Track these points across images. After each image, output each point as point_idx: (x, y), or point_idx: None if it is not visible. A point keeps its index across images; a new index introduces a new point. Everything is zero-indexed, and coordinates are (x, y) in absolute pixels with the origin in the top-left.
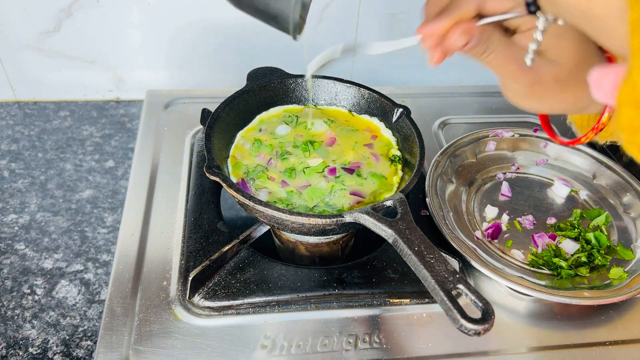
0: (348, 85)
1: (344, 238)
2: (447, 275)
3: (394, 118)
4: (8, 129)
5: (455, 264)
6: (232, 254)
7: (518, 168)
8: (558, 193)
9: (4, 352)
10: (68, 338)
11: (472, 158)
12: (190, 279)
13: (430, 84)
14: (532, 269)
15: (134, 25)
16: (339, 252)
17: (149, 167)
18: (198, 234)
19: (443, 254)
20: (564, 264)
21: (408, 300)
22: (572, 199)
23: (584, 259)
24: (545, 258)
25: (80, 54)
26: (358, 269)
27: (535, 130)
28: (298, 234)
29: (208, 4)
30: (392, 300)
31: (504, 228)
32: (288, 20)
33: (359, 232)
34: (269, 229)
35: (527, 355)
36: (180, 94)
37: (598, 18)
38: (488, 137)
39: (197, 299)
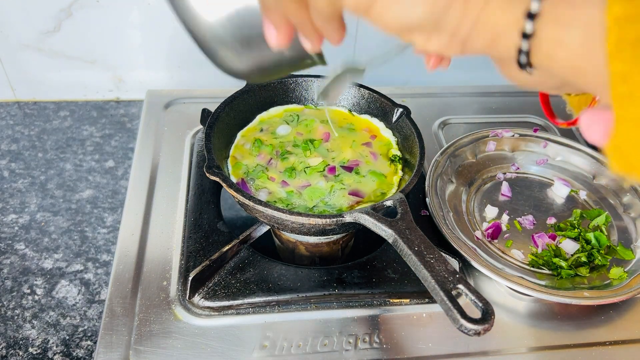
0: (348, 85)
1: (344, 238)
2: (447, 275)
3: (394, 118)
4: (8, 129)
5: (455, 264)
6: (232, 254)
7: (518, 168)
8: (558, 193)
9: (4, 352)
10: (68, 338)
11: (472, 158)
12: (190, 279)
13: (430, 84)
14: (532, 269)
15: (134, 25)
16: (339, 252)
17: (149, 167)
18: (198, 234)
19: (443, 254)
20: (564, 264)
21: (408, 300)
22: (572, 199)
23: (584, 259)
24: (545, 258)
25: (80, 54)
26: (358, 269)
27: (535, 130)
28: (298, 234)
29: None
30: (392, 300)
31: (504, 228)
32: (309, 56)
33: (359, 232)
34: (269, 229)
35: (527, 355)
36: (180, 94)
37: (586, 73)
38: (488, 137)
39: (197, 299)
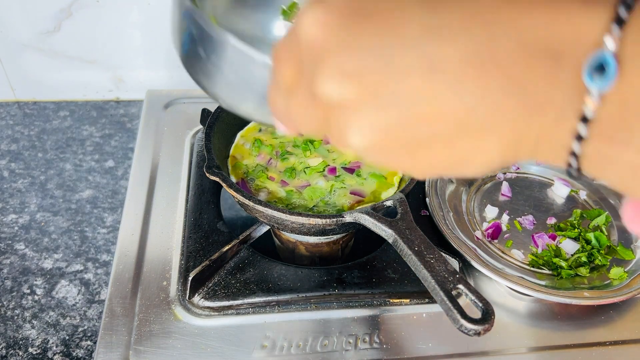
0: None
1: (344, 238)
2: (447, 275)
3: None
4: (8, 129)
5: (455, 264)
6: (232, 254)
7: (518, 168)
8: (558, 193)
9: (4, 352)
10: (68, 338)
11: None
12: (190, 279)
13: None
14: (532, 269)
15: (134, 25)
16: (339, 252)
17: (149, 167)
18: (198, 234)
19: (443, 254)
20: (564, 264)
21: (408, 300)
22: (572, 199)
23: (584, 259)
24: (546, 258)
25: (80, 54)
26: (358, 269)
27: None
28: (298, 234)
29: None
30: (392, 300)
31: (504, 228)
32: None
33: (359, 232)
34: (269, 229)
35: (527, 356)
36: (180, 94)
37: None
38: None
39: (197, 299)
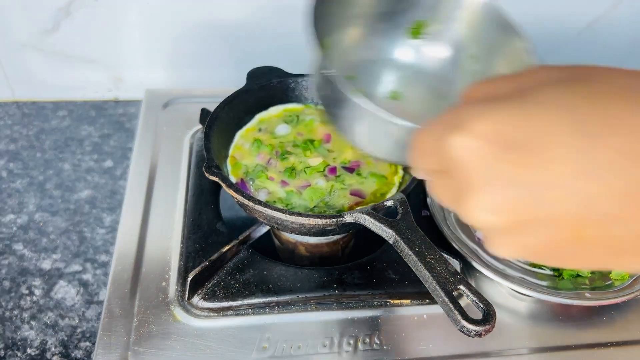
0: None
1: (344, 238)
2: (448, 276)
3: None
4: (6, 129)
5: (457, 265)
6: (231, 255)
7: None
8: None
9: (2, 353)
10: (66, 339)
11: None
12: (189, 280)
13: None
14: (533, 270)
15: (133, 25)
16: (339, 252)
17: (148, 167)
18: (197, 235)
19: (444, 255)
20: None
21: (409, 301)
22: None
23: None
24: None
25: (79, 54)
26: (358, 270)
27: None
28: (298, 235)
29: (208, 4)
30: (392, 301)
31: None
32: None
33: (359, 232)
34: (269, 229)
35: (528, 357)
36: (179, 94)
37: None
38: None
39: (196, 300)
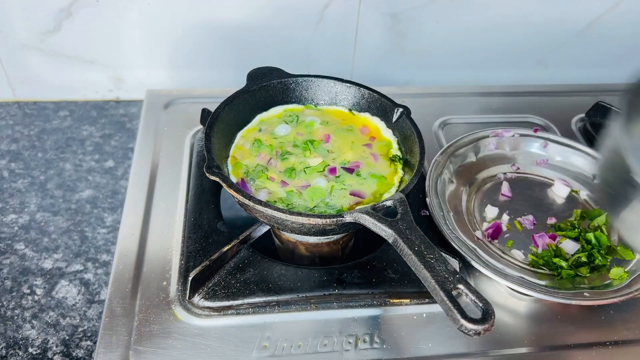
0: (348, 85)
1: (344, 238)
2: (447, 276)
3: (394, 118)
4: (8, 129)
5: (456, 264)
6: (232, 254)
7: (518, 168)
8: (558, 193)
9: (4, 352)
10: (68, 338)
11: (472, 158)
12: (190, 279)
13: (430, 84)
14: (532, 269)
15: (134, 26)
16: (339, 252)
17: (149, 167)
18: (198, 234)
19: (443, 254)
20: (564, 264)
21: (408, 301)
22: (572, 199)
23: (584, 259)
24: (546, 258)
25: (80, 54)
26: (358, 269)
27: (536, 130)
28: (298, 234)
29: (208, 4)
30: (392, 301)
31: (504, 228)
32: None
33: (359, 232)
34: (269, 229)
35: (527, 356)
36: (180, 94)
37: None
38: (488, 137)
39: (197, 299)
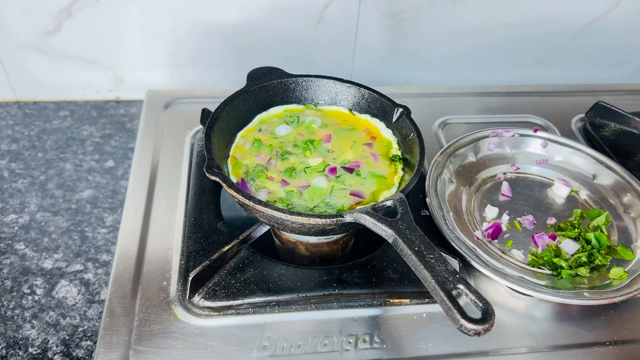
0: (348, 86)
1: (344, 238)
2: (447, 275)
3: (394, 118)
4: (8, 129)
5: (456, 264)
6: (232, 254)
7: (518, 168)
8: (558, 193)
9: (4, 352)
10: (68, 338)
11: (472, 158)
12: (190, 279)
13: (430, 84)
14: (532, 269)
15: (134, 25)
16: (339, 252)
17: (149, 167)
18: (198, 234)
19: (443, 254)
20: (564, 264)
21: (408, 300)
22: (572, 199)
23: (584, 259)
24: (546, 258)
25: (80, 54)
26: (358, 269)
27: (535, 130)
28: (298, 234)
29: (208, 4)
30: (392, 301)
31: (504, 228)
32: None
33: (359, 232)
34: (269, 229)
35: (527, 356)
36: (180, 94)
37: None
38: (488, 137)
39: (197, 299)
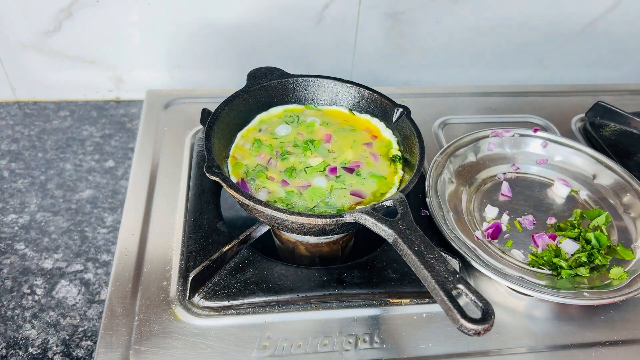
0: (348, 86)
1: (344, 238)
2: (447, 275)
3: (394, 118)
4: (8, 129)
5: (455, 264)
6: (232, 254)
7: (518, 168)
8: (558, 193)
9: (4, 352)
10: (68, 338)
11: (472, 158)
12: (190, 279)
13: (430, 84)
14: (532, 269)
15: (134, 25)
16: (339, 252)
17: (149, 167)
18: (198, 234)
19: (443, 254)
20: (564, 264)
21: (408, 300)
22: (572, 199)
23: (584, 259)
24: (546, 258)
25: (80, 54)
26: (358, 269)
27: (535, 130)
28: (298, 234)
29: (208, 4)
30: (392, 300)
31: (504, 228)
32: None
33: (359, 232)
34: (269, 229)
35: (527, 356)
36: (180, 94)
37: None
38: (488, 137)
39: (197, 299)
